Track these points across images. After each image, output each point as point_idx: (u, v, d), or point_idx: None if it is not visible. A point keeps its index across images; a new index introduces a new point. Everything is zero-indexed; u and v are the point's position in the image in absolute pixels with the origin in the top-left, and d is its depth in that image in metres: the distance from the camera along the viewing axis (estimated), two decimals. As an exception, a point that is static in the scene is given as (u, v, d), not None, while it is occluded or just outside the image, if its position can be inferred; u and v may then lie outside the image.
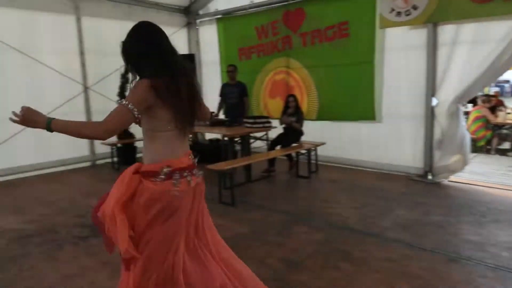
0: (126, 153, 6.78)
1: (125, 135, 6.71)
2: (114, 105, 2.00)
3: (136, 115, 1.73)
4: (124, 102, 1.73)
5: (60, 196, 5.04)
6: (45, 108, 5.98)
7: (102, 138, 1.71)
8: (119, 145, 6.67)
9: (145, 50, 1.85)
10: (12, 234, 3.75)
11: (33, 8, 5.99)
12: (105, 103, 6.78)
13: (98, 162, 7.03)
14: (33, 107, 1.75)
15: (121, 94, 6.67)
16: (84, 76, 6.67)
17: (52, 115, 1.77)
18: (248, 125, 5.61)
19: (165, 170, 1.81)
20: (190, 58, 7.09)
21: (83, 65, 6.64)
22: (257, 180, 5.66)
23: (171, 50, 1.90)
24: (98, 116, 6.78)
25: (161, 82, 1.77)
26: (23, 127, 1.83)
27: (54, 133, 1.75)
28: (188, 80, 1.89)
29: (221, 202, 4.58)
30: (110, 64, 6.76)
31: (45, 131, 1.74)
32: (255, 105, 7.35)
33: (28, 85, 5.99)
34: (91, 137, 1.76)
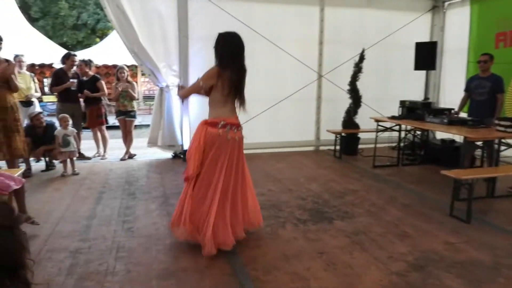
0: (349, 142, 6.73)
1: (351, 124, 6.65)
2: (343, 94, 6.05)
3: (203, 86, 3.05)
4: (199, 78, 3.06)
5: (286, 175, 5.43)
6: (281, 94, 6.76)
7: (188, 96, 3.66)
8: (343, 134, 6.68)
9: (222, 50, 3.04)
10: (246, 203, 4.25)
11: (281, 1, 6.57)
12: (335, 91, 6.90)
13: (321, 148, 7.28)
14: (273, 91, 3.92)
15: (353, 83, 6.60)
16: (320, 65, 6.93)
17: (287, 101, 4.77)
18: (501, 128, 4.54)
19: (222, 122, 3.01)
20: (431, 46, 6.31)
21: (320, 54, 6.90)
22: (502, 196, 4.59)
23: (238, 53, 3.07)
24: (328, 103, 7.13)
25: (223, 71, 2.99)
26: (265, 108, 5.00)
27: (287, 117, 5.24)
28: (241, 73, 3.10)
29: (452, 216, 3.90)
30: (345, 53, 6.80)
31: (279, 116, 4.36)
32: (510, 104, 5.94)
33: (272, 71, 6.67)
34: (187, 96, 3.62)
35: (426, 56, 6.25)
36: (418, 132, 6.70)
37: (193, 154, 3.00)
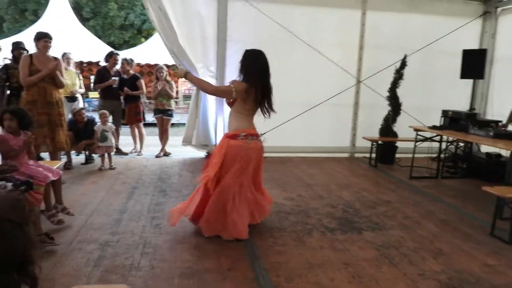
0: (386, 151, 6.51)
1: (389, 132, 6.43)
2: (382, 100, 6.18)
3: (233, 95, 3.22)
4: (232, 85, 3.25)
5: (317, 181, 5.33)
6: (317, 98, 6.65)
7: (208, 92, 4.00)
8: (380, 142, 6.47)
9: (249, 68, 3.25)
10: (274, 207, 4.18)
11: (322, 4, 6.49)
12: (374, 97, 6.70)
13: (356, 155, 7.09)
14: (309, 95, 4.93)
15: (393, 90, 6.38)
16: (359, 70, 6.76)
17: (322, 105, 5.00)
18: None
19: (242, 134, 3.23)
20: (480, 54, 5.98)
21: (359, 59, 6.73)
22: (552, 218, 4.24)
23: (263, 69, 3.27)
24: (365, 109, 6.94)
25: (250, 87, 3.20)
26: (298, 112, 5.81)
27: (322, 122, 5.47)
28: (266, 91, 3.30)
29: (492, 235, 3.65)
30: (385, 59, 6.59)
31: (314, 120, 4.66)
32: None
33: (309, 75, 6.60)
34: (202, 88, 3.83)
35: (474, 64, 5.92)
36: (461, 144, 6.37)
37: (214, 161, 3.28)
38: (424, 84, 7.02)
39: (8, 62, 5.81)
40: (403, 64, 6.30)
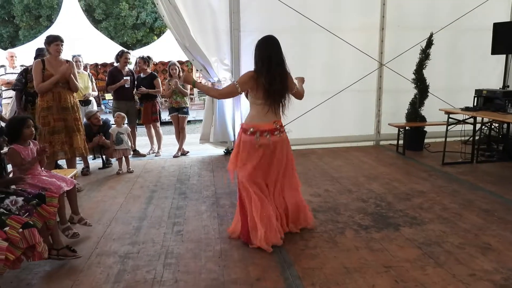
0: (414, 137, 6.14)
1: (416, 117, 6.05)
2: (407, 84, 6.16)
3: (239, 91, 3.03)
4: (235, 82, 3.10)
5: (344, 174, 5.04)
6: (339, 85, 6.32)
7: (217, 98, 4.59)
8: (407, 128, 6.11)
9: (255, 54, 3.00)
10: (301, 205, 3.95)
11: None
12: (398, 81, 6.33)
13: (382, 142, 6.75)
14: (330, 83, 5.91)
15: (419, 72, 5.99)
16: (381, 53, 6.38)
17: (344, 93, 6.08)
18: None
19: (251, 130, 3.00)
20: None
21: (381, 41, 6.34)
22: None
23: (268, 55, 2.94)
24: (389, 94, 6.56)
25: (259, 75, 2.94)
26: (321, 101, 5.70)
27: (344, 111, 6.31)
28: (282, 75, 2.97)
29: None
30: (409, 39, 6.21)
31: (336, 109, 5.84)
32: None
33: (329, 62, 6.28)
34: (211, 95, 3.97)
35: (507, 38, 5.48)
36: (495, 125, 5.94)
37: (233, 157, 3.15)
38: (452, 64, 6.60)
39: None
40: (430, 43, 5.88)
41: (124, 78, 5.95)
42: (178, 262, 2.82)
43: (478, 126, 5.62)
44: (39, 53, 5.09)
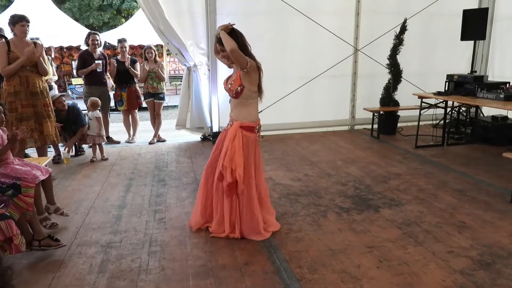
0: (388, 121, 6.29)
1: (390, 101, 6.19)
2: (381, 69, 6.22)
3: (246, 67, 2.72)
4: (248, 59, 2.74)
5: (322, 158, 5.10)
6: (314, 71, 6.33)
7: (229, 49, 2.67)
8: (381, 112, 6.24)
9: (246, 48, 2.81)
10: (282, 189, 3.98)
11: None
12: (372, 67, 6.43)
13: (357, 127, 6.87)
14: (305, 68, 5.69)
15: (393, 57, 6.09)
16: (356, 38, 6.43)
17: (320, 78, 5.96)
18: None
19: (257, 127, 2.92)
20: (482, 14, 5.71)
21: (357, 26, 6.39)
22: None
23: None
24: (364, 79, 6.65)
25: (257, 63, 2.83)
26: (297, 86, 5.09)
27: (320, 96, 6.34)
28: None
29: (514, 203, 3.50)
30: (384, 24, 6.28)
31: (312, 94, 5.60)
32: None
33: (304, 47, 6.26)
34: (227, 44, 2.68)
35: (475, 24, 5.66)
36: (463, 109, 6.17)
37: (236, 159, 2.80)
38: (423, 49, 6.76)
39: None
40: (403, 28, 5.98)
41: (96, 62, 5.69)
42: (163, 249, 2.78)
43: (449, 110, 5.81)
44: None
